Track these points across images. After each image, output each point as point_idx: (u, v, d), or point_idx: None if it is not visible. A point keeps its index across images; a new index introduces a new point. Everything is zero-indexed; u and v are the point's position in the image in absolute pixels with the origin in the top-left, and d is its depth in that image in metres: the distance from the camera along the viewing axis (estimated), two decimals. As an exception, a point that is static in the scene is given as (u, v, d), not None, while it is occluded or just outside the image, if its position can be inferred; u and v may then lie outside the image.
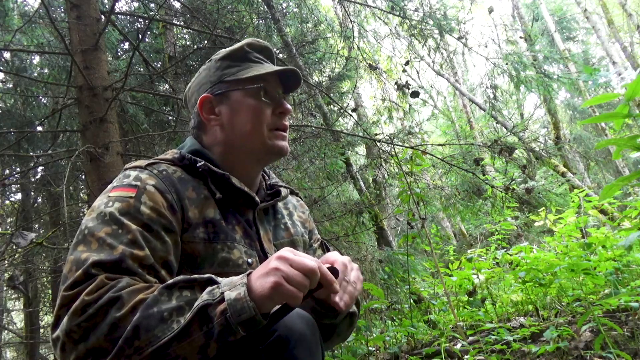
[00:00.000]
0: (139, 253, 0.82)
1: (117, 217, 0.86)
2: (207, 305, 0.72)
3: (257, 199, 1.07)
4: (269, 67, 1.08)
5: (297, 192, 1.30)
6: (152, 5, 4.44)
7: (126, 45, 5.36)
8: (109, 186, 0.96)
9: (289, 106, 1.10)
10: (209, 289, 0.76)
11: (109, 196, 0.91)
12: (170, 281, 0.77)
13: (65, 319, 0.74)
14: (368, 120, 7.64)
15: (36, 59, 5.28)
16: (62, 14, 4.55)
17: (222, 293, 0.74)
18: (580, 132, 13.19)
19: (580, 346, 2.18)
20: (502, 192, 3.94)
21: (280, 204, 1.20)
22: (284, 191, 1.17)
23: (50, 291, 6.13)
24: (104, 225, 0.85)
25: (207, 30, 3.93)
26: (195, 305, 0.73)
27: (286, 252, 0.77)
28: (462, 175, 4.18)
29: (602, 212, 6.02)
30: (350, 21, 5.05)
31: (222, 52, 1.11)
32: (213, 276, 0.79)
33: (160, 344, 0.70)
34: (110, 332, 0.71)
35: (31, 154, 4.71)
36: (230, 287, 0.75)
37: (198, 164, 1.01)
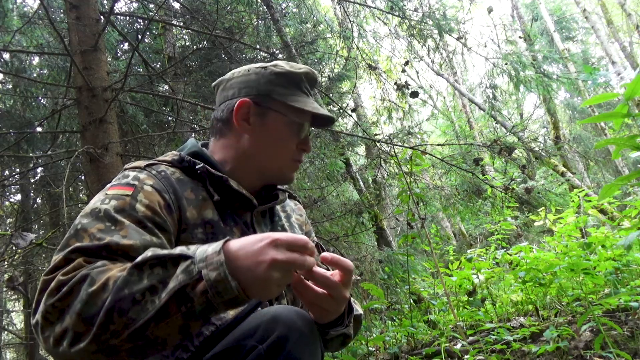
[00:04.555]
0: (126, 243, 0.81)
1: (112, 214, 0.85)
2: (185, 286, 0.69)
3: (254, 201, 1.07)
4: (313, 104, 1.09)
5: (295, 196, 1.31)
6: (151, 5, 4.44)
7: (125, 46, 5.36)
8: (107, 185, 0.96)
9: (310, 145, 1.15)
10: (183, 265, 0.71)
11: (106, 194, 0.91)
12: (139, 259, 0.73)
13: (42, 301, 0.73)
14: (367, 121, 7.63)
15: (35, 60, 5.28)
16: (62, 15, 4.55)
17: (200, 272, 0.70)
18: (579, 131, 13.22)
19: (580, 346, 2.18)
20: (501, 192, 3.94)
21: (277, 207, 1.21)
22: (282, 194, 1.18)
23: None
24: (97, 221, 0.84)
25: (207, 31, 3.93)
26: (171, 287, 0.69)
27: (280, 251, 0.73)
28: (461, 175, 4.18)
29: (602, 211, 6.03)
30: (350, 21, 5.05)
31: (281, 67, 1.10)
32: (184, 249, 0.74)
33: (137, 327, 0.68)
34: (82, 310, 0.70)
35: (31, 154, 4.71)
36: (207, 265, 0.70)
37: (197, 166, 1.02)
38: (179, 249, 0.74)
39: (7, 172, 5.40)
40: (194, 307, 0.69)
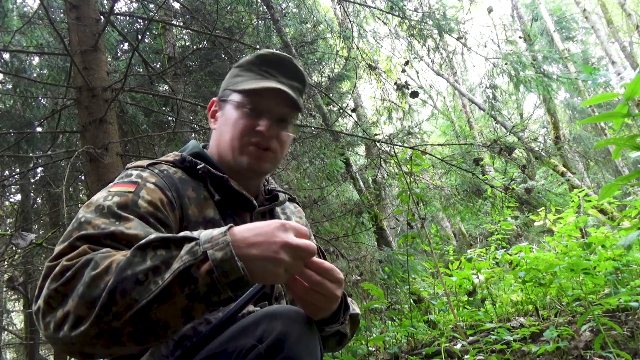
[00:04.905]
0: (131, 233, 0.82)
1: (115, 210, 0.86)
2: (190, 267, 0.69)
3: (254, 202, 1.09)
4: (258, 82, 1.05)
5: (295, 199, 1.32)
6: (151, 5, 4.44)
7: (125, 46, 5.36)
8: (110, 184, 0.97)
9: (264, 127, 1.03)
10: (187, 246, 0.72)
11: (109, 191, 0.92)
12: (143, 241, 0.73)
13: (45, 287, 0.73)
14: (367, 121, 7.64)
15: (35, 60, 5.28)
16: (62, 15, 4.55)
17: (205, 252, 0.70)
18: (579, 131, 13.21)
19: (580, 346, 2.18)
20: (501, 192, 3.94)
21: (278, 209, 1.21)
22: (282, 196, 1.19)
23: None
24: (101, 217, 0.85)
25: (207, 31, 3.93)
26: (175, 267, 0.69)
27: (289, 236, 0.75)
28: (461, 175, 4.18)
29: (602, 211, 6.03)
30: (350, 21, 5.05)
31: (243, 59, 1.13)
32: (188, 233, 0.75)
33: (139, 307, 0.68)
34: (85, 293, 0.69)
35: (31, 154, 4.72)
36: (213, 245, 0.71)
37: (198, 167, 1.04)
38: (183, 233, 0.75)
39: (7, 172, 5.40)
40: (198, 287, 0.69)
